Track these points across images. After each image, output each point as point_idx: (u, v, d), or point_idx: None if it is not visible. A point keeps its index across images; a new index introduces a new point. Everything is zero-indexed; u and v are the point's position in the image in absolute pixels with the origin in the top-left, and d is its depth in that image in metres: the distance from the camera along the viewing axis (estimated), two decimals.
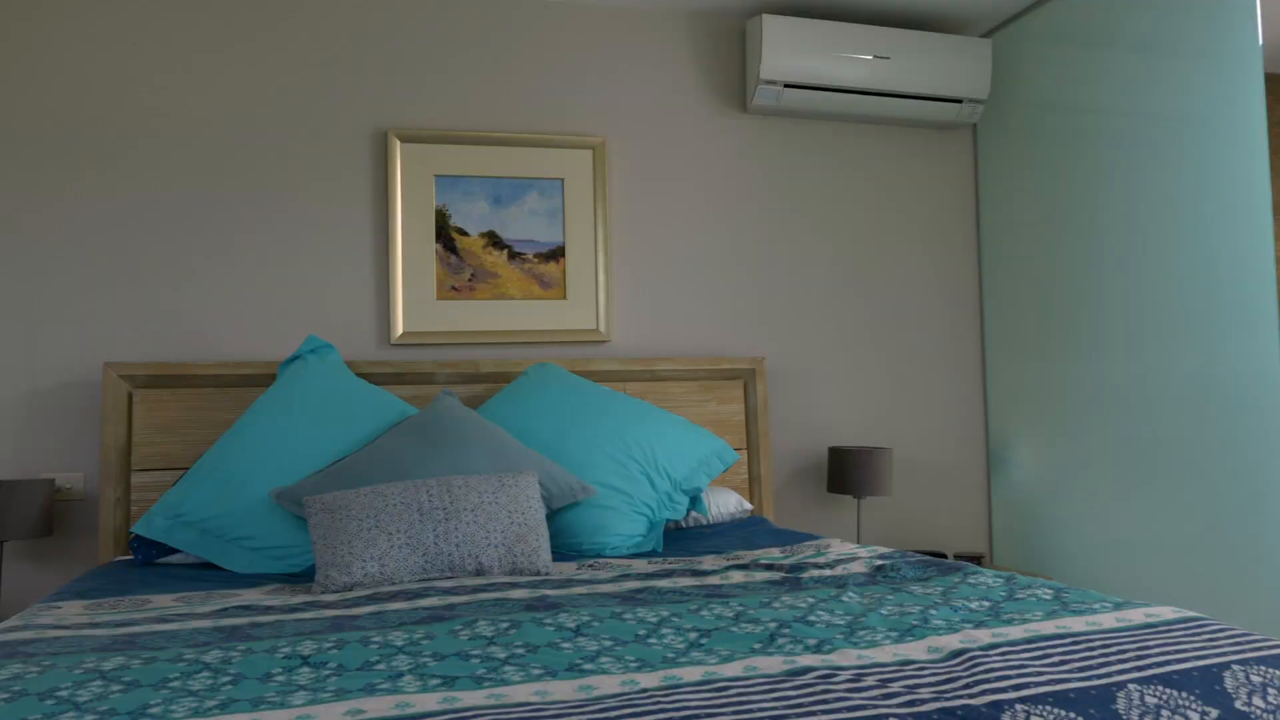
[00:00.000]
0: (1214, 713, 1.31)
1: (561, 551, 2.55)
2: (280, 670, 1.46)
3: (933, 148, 3.67)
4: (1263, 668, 1.41)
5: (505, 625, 1.69)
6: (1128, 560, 3.00)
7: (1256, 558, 2.58)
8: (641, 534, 2.59)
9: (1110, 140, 3.08)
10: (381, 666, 1.47)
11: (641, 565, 2.33)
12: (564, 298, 3.18)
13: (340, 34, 3.08)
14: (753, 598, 1.89)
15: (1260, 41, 2.56)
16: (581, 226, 3.21)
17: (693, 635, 1.63)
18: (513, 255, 3.15)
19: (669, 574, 2.18)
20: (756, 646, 1.55)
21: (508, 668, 1.45)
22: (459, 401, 2.71)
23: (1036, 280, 3.40)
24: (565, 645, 1.57)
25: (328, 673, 1.45)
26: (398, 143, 3.06)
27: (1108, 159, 3.09)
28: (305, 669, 1.47)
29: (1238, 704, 1.33)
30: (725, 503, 2.92)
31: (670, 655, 1.51)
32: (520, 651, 1.54)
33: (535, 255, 3.17)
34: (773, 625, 1.67)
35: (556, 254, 3.19)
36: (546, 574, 2.24)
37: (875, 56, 3.32)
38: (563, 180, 3.20)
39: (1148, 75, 2.93)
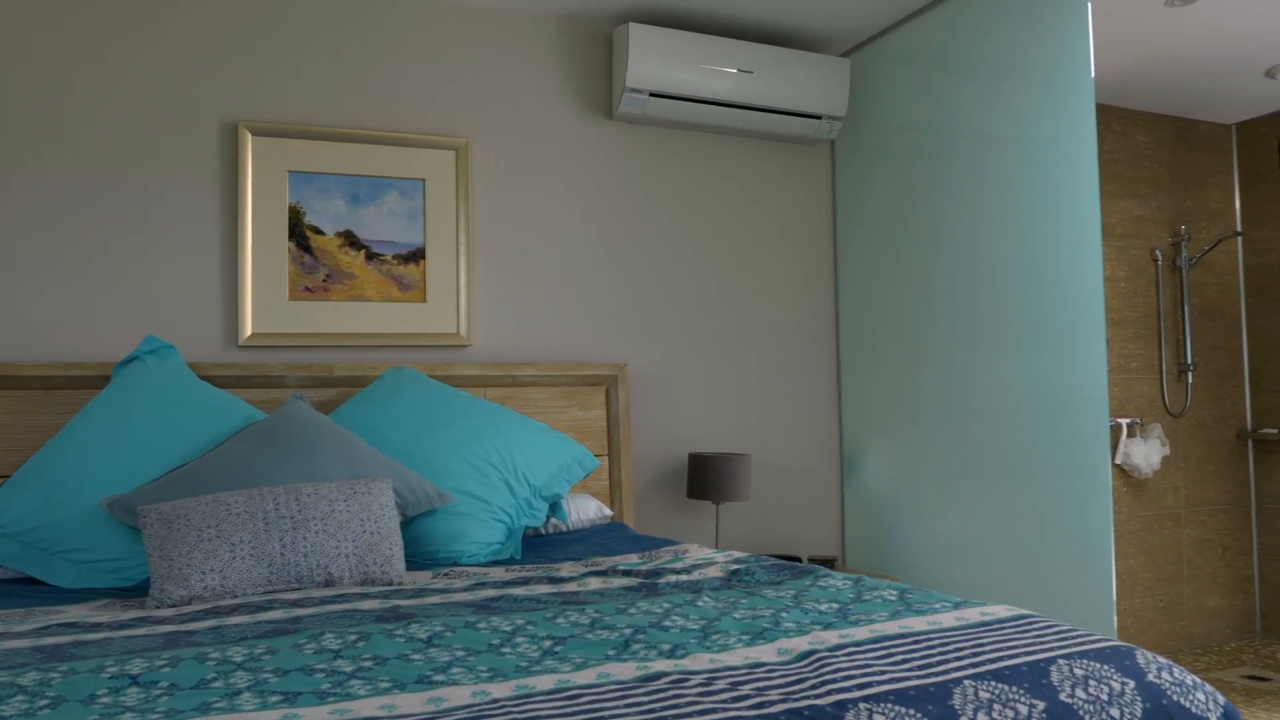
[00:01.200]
0: (1041, 705, 1.38)
1: (417, 560, 2.49)
2: (105, 691, 1.37)
3: (794, 161, 3.77)
4: (1085, 661, 1.49)
5: (353, 637, 1.64)
6: (969, 560, 3.15)
7: (1082, 557, 2.75)
8: (500, 541, 2.56)
9: (956, 160, 3.23)
10: (218, 684, 1.40)
11: (498, 573, 2.30)
12: (424, 300, 3.11)
13: (191, 22, 2.93)
14: (609, 604, 1.89)
15: (1092, 74, 2.74)
16: (443, 228, 3.15)
17: (547, 643, 1.62)
18: (370, 256, 3.06)
19: (526, 582, 2.16)
20: (611, 653, 1.55)
21: (354, 681, 1.40)
22: (310, 406, 2.62)
23: (887, 292, 3.53)
24: (416, 656, 1.53)
25: (159, 693, 1.36)
26: (249, 135, 2.93)
27: (953, 178, 3.24)
28: (134, 689, 1.38)
29: (1062, 696, 1.41)
30: (585, 509, 2.92)
31: (523, 664, 1.49)
32: (368, 664, 1.49)
33: (394, 256, 3.09)
34: (628, 631, 1.68)
35: (417, 255, 3.12)
36: (400, 584, 2.18)
37: (739, 70, 3.39)
38: (424, 181, 3.13)
39: (991, 100, 3.09)
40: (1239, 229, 4.56)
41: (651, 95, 3.31)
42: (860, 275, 3.68)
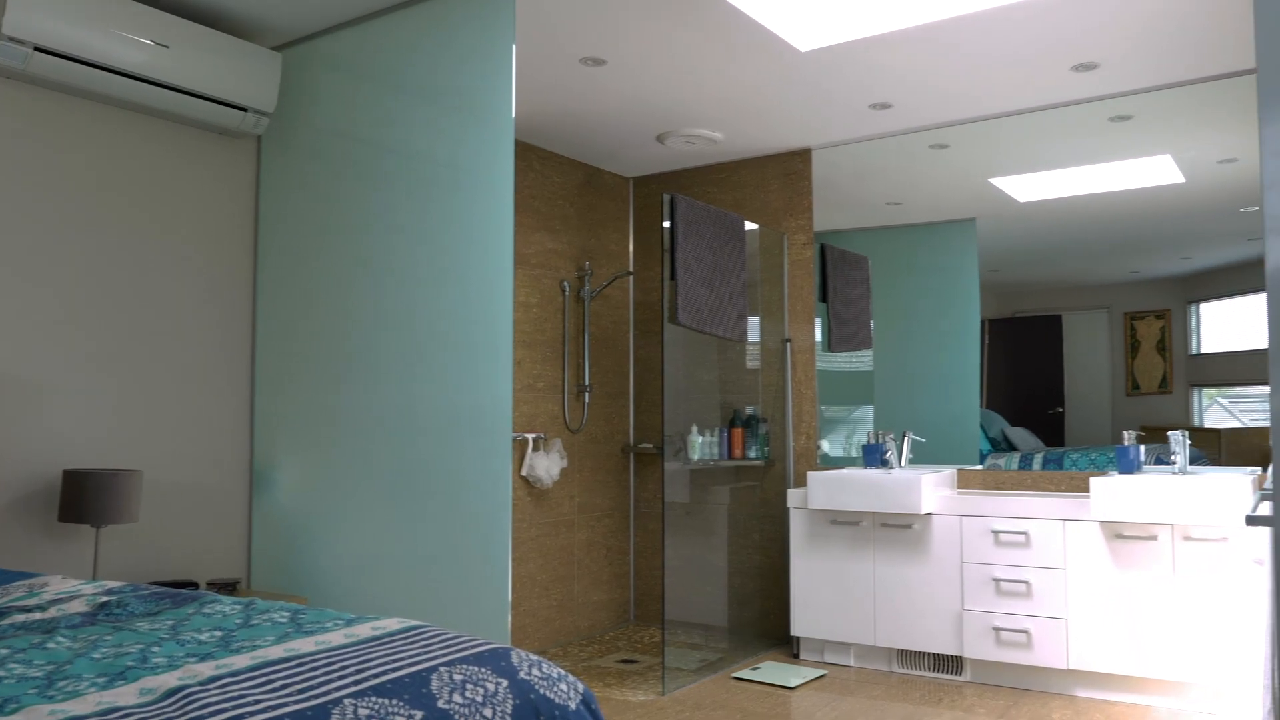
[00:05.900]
0: (419, 714, 1.39)
1: None
2: None
3: (214, 153, 3.48)
4: (464, 666, 1.54)
5: None
6: (382, 575, 3.14)
7: (484, 564, 2.89)
8: None
9: (382, 175, 3.24)
10: None
11: None
12: None
13: None
14: None
15: (513, 113, 2.93)
16: None
17: None
18: None
19: None
20: None
21: None
22: None
23: (308, 302, 3.42)
24: None
25: None
26: None
27: (379, 192, 3.24)
28: None
29: (440, 703, 1.43)
30: None
31: None
32: None
33: None
34: None
35: None
36: None
37: (155, 42, 3.04)
38: None
39: (421, 121, 3.15)
40: (631, 269, 5.23)
41: (37, 50, 2.82)
42: (281, 282, 3.51)
